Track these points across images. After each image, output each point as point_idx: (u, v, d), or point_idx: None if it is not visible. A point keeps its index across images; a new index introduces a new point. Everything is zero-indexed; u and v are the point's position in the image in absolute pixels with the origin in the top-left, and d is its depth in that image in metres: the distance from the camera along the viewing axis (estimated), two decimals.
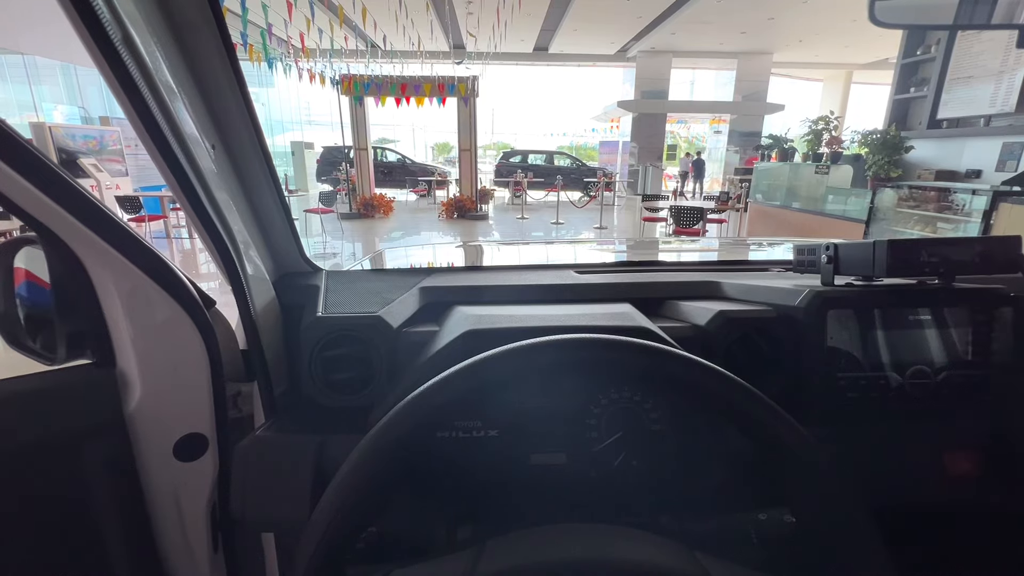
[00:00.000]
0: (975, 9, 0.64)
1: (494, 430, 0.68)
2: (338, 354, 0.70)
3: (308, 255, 0.90)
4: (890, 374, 0.65)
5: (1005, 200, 3.81)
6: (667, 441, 0.65)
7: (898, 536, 0.66)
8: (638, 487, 0.66)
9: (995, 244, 0.61)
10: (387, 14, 7.14)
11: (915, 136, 5.65)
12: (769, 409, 0.41)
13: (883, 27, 0.57)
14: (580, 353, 0.42)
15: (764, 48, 14.95)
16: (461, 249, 1.44)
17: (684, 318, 0.74)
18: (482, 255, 1.31)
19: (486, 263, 1.17)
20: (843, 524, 0.37)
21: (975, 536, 0.67)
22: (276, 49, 7.59)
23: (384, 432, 0.40)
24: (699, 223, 6.79)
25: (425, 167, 15.74)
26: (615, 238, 8.48)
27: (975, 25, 0.57)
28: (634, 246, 1.77)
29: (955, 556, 0.68)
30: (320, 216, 8.48)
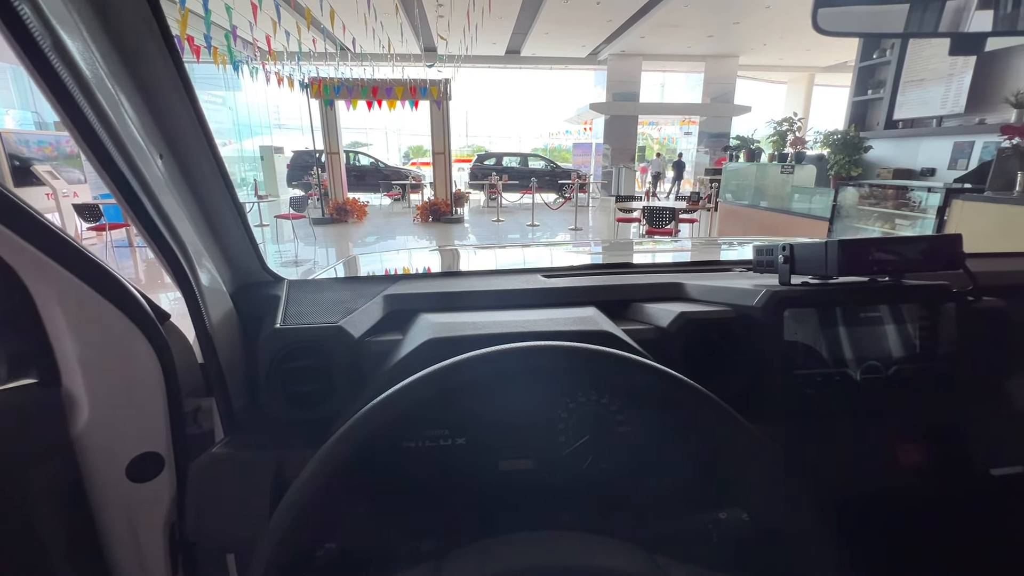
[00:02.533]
0: (923, 18, 0.67)
1: (461, 438, 0.68)
2: (298, 366, 0.68)
3: (270, 264, 0.88)
4: (845, 370, 0.67)
5: (957, 197, 3.99)
6: (634, 443, 0.66)
7: (854, 528, 0.68)
8: (606, 490, 0.66)
9: (938, 242, 0.63)
10: (356, 16, 7.06)
11: (873, 136, 5.87)
12: (717, 408, 0.41)
13: (826, 35, 0.59)
14: (528, 361, 0.42)
15: (730, 51, 15.33)
16: (430, 254, 1.43)
17: (648, 320, 0.75)
18: (451, 260, 1.30)
19: (454, 268, 1.16)
20: (793, 521, 0.38)
21: (926, 525, 0.69)
22: (241, 52, 7.41)
23: (333, 449, 0.39)
24: (671, 223, 6.92)
25: (399, 170, 15.60)
26: (590, 240, 8.55)
27: (913, 33, 0.59)
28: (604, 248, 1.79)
29: (908, 545, 0.71)
30: (291, 222, 8.31)
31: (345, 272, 1.17)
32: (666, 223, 6.90)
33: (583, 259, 1.21)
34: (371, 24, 7.49)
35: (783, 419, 0.67)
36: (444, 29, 10.55)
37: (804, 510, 0.38)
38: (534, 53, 16.53)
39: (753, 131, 7.94)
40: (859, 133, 5.86)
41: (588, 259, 1.19)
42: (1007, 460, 0.64)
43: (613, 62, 15.99)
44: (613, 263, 1.02)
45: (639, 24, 12.46)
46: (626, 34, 13.54)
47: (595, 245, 2.54)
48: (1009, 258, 1.01)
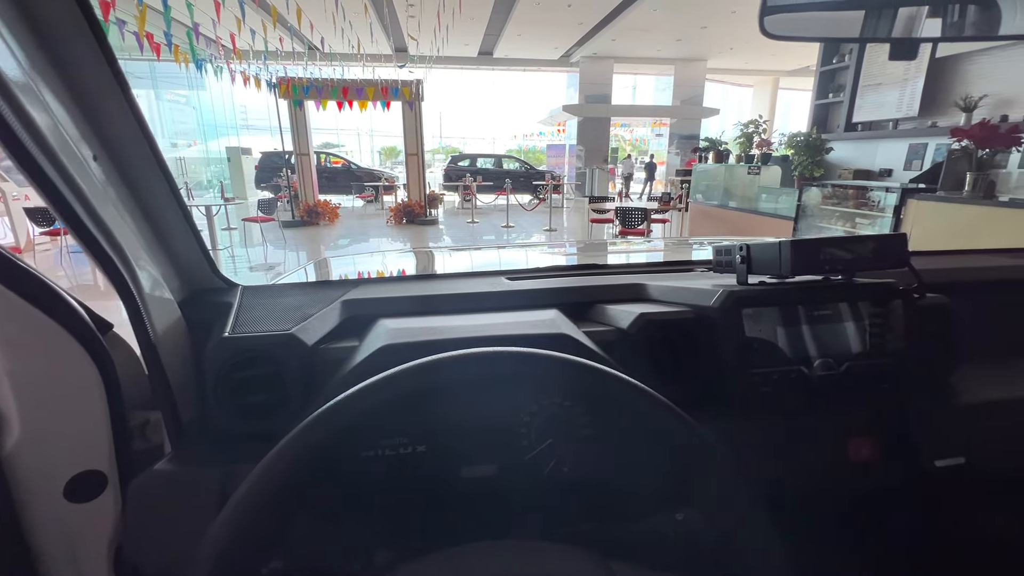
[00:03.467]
0: (867, 24, 0.69)
1: (422, 446, 0.66)
2: (247, 376, 0.65)
3: (237, 268, 0.84)
4: (800, 367, 0.68)
5: (912, 197, 4.16)
6: (596, 445, 0.66)
7: (808, 522, 0.70)
8: (569, 494, 0.66)
9: (885, 241, 0.65)
10: (324, 15, 6.93)
11: (834, 138, 6.08)
12: (657, 403, 0.41)
13: (773, 39, 0.61)
14: (458, 370, 0.41)
15: (699, 55, 15.66)
16: (395, 257, 1.41)
17: (609, 322, 0.75)
18: (415, 263, 1.28)
19: (418, 271, 1.14)
20: (741, 521, 0.38)
21: (876, 517, 0.71)
22: (205, 50, 7.19)
23: (272, 463, 0.37)
24: (644, 223, 7.02)
25: (372, 172, 15.39)
26: (558, 241, 8.61)
27: (856, 39, 0.61)
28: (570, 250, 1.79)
29: (859, 537, 0.73)
30: (260, 225, 8.11)
31: (309, 276, 1.14)
32: (638, 223, 6.99)
33: (550, 260, 1.21)
34: (340, 24, 7.36)
35: (741, 417, 0.68)
36: (415, 29, 10.46)
37: (752, 509, 0.38)
38: (507, 55, 16.56)
39: (721, 133, 8.14)
40: (820, 135, 6.06)
41: (554, 261, 1.19)
42: (950, 452, 0.66)
43: (585, 64, 16.15)
44: (577, 265, 1.02)
45: (610, 27, 12.63)
46: (597, 37, 13.70)
47: (561, 246, 2.55)
48: (951, 256, 1.05)
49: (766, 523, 0.37)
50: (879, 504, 0.70)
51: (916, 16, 0.69)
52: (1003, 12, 0.68)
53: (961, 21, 0.71)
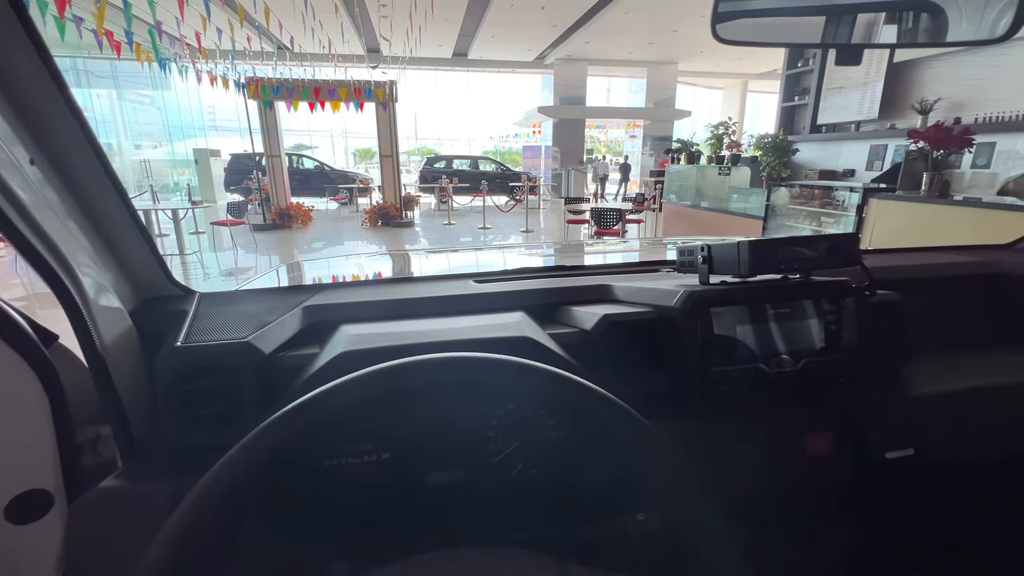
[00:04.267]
0: (823, 30, 0.71)
1: (387, 452, 0.65)
2: (201, 387, 0.63)
3: (206, 273, 0.82)
4: (759, 364, 0.69)
5: (873, 196, 4.31)
6: (563, 447, 0.66)
7: (766, 516, 0.71)
8: (536, 496, 0.65)
9: (838, 241, 0.67)
10: (293, 14, 6.80)
11: (800, 140, 6.26)
12: (614, 406, 0.41)
13: (725, 44, 0.62)
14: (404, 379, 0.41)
15: (670, 58, 15.94)
16: (362, 261, 1.39)
17: (575, 323, 0.75)
18: (382, 267, 1.26)
19: (384, 275, 1.13)
20: (696, 520, 0.38)
21: (831, 510, 0.73)
22: (169, 49, 6.97)
23: (216, 477, 0.36)
24: (619, 224, 7.10)
25: (346, 174, 15.18)
26: (530, 242, 8.64)
27: (806, 44, 0.63)
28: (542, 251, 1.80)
29: (817, 530, 0.75)
30: (229, 229, 7.90)
31: (276, 281, 1.11)
32: (613, 224, 7.07)
33: (521, 262, 1.21)
34: (310, 23, 7.23)
35: (702, 415, 0.69)
36: (387, 30, 10.36)
37: (707, 509, 0.38)
38: (481, 56, 16.56)
39: (693, 134, 8.28)
40: (787, 137, 6.23)
41: (523, 263, 1.19)
42: (900, 444, 0.68)
43: (559, 66, 16.26)
44: (544, 267, 1.02)
45: (583, 30, 12.75)
46: (571, 39, 13.81)
47: (531, 248, 2.56)
48: (903, 253, 1.09)
49: (723, 524, 0.38)
50: (834, 497, 0.72)
51: (862, 23, 0.71)
52: (950, 20, 0.70)
53: (908, 28, 0.73)
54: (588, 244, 3.67)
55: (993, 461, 0.80)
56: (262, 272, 1.27)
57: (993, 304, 0.96)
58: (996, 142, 4.13)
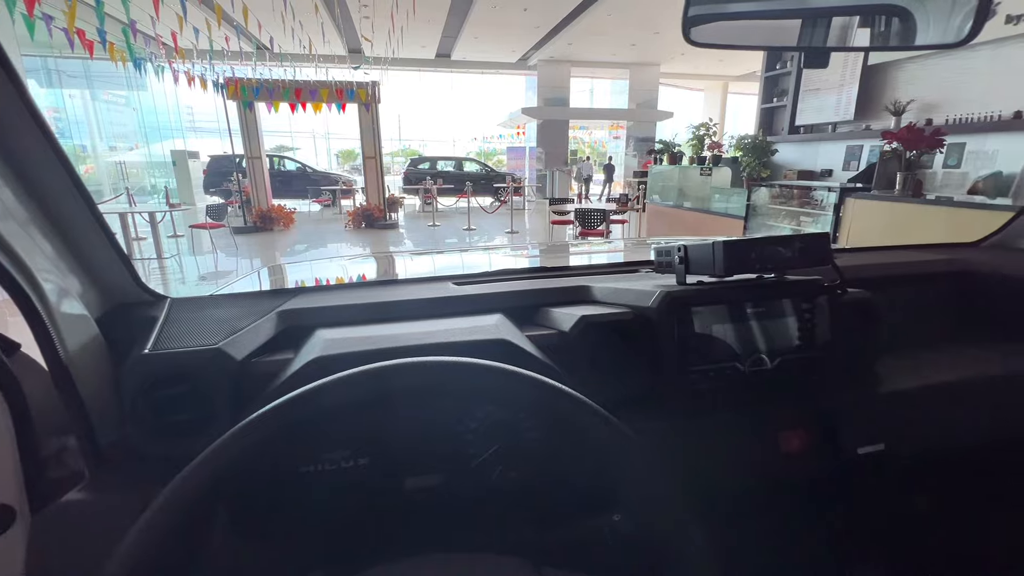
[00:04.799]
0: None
1: (364, 458, 0.64)
2: (169, 395, 0.61)
3: (182, 278, 0.80)
4: (735, 363, 0.70)
5: (850, 196, 4.41)
6: (542, 449, 0.65)
7: (743, 515, 0.72)
8: (515, 499, 0.65)
9: (809, 240, 0.68)
10: (272, 14, 6.70)
11: (779, 140, 6.37)
12: (584, 407, 0.41)
13: (697, 47, 0.62)
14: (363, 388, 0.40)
15: (652, 60, 16.10)
16: (341, 264, 1.37)
17: (553, 325, 0.75)
18: (360, 270, 1.25)
19: (363, 278, 1.12)
20: (667, 522, 0.38)
21: (806, 506, 0.75)
22: (144, 48, 6.82)
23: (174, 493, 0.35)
24: (603, 224, 7.14)
25: (328, 175, 15.02)
26: (511, 244, 8.65)
27: (774, 47, 0.64)
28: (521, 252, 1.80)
29: (792, 527, 0.76)
30: (209, 232, 7.76)
31: (252, 285, 1.09)
32: (598, 224, 7.11)
33: (501, 263, 1.20)
34: (290, 23, 7.14)
35: (679, 415, 0.69)
36: (369, 31, 10.28)
37: (677, 511, 0.38)
38: (464, 57, 16.54)
39: (675, 135, 8.37)
40: (766, 138, 6.34)
41: (503, 264, 1.18)
42: (871, 439, 0.70)
43: (543, 67, 16.31)
44: (524, 268, 1.02)
45: (566, 31, 12.81)
46: (554, 40, 13.87)
47: (511, 249, 2.56)
48: (872, 252, 1.11)
49: (695, 526, 0.38)
50: (808, 494, 0.73)
51: (835, 26, 0.72)
52: (917, 24, 0.72)
53: (880, 32, 0.75)
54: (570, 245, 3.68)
55: (961, 454, 0.82)
56: (241, 276, 1.24)
57: (960, 301, 0.99)
58: (966, 143, 4.25)
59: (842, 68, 5.49)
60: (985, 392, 0.81)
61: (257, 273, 1.24)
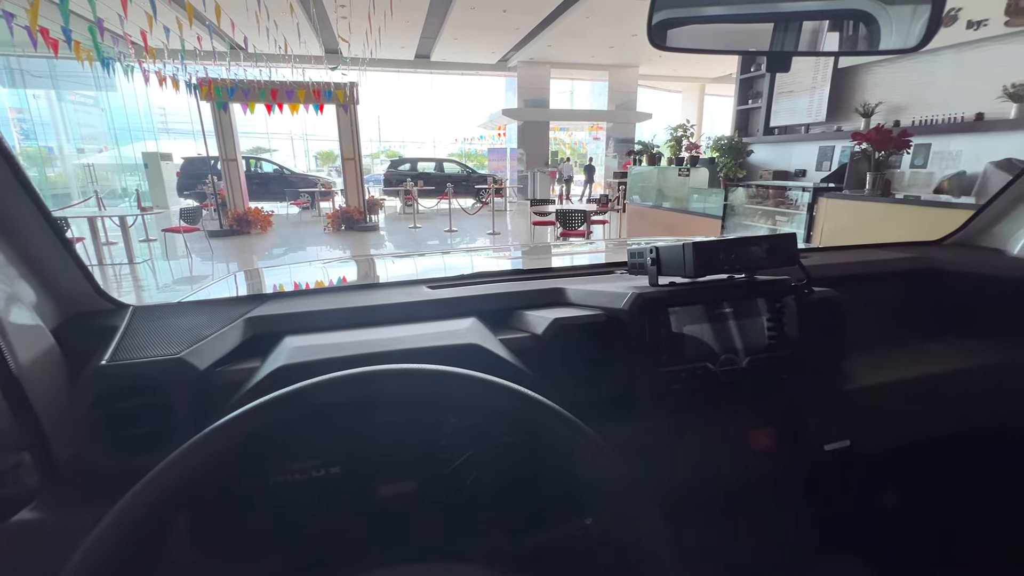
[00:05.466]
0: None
1: (336, 467, 0.63)
2: (128, 408, 0.59)
3: (116, 287, 0.77)
4: (706, 364, 0.71)
5: (822, 195, 4.51)
6: (517, 453, 0.65)
7: (713, 514, 0.72)
8: (489, 504, 0.65)
9: (777, 241, 0.69)
10: (246, 13, 6.57)
11: (754, 141, 6.50)
12: (550, 412, 0.41)
13: (662, 51, 0.63)
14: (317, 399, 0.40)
15: (631, 62, 16.28)
16: (316, 268, 1.35)
17: (527, 328, 0.75)
18: (333, 274, 1.23)
19: (336, 283, 1.10)
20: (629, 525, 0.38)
21: (774, 504, 0.76)
22: (112, 48, 6.63)
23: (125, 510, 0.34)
24: (584, 225, 7.19)
25: (307, 177, 14.81)
26: (509, 244, 8.65)
27: (739, 51, 0.65)
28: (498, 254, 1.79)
29: (763, 525, 0.77)
30: (183, 236, 7.58)
31: (219, 292, 1.07)
32: (578, 225, 7.16)
33: (469, 268, 1.20)
34: (264, 23, 7.01)
35: (652, 416, 0.69)
36: (346, 31, 10.17)
37: (644, 513, 0.38)
38: (444, 58, 16.48)
39: (653, 136, 8.47)
40: (742, 139, 6.46)
41: (479, 266, 1.18)
42: (837, 436, 0.71)
43: (523, 69, 16.36)
44: (498, 271, 1.01)
45: (545, 33, 12.87)
46: (533, 42, 13.92)
47: (488, 251, 2.55)
48: (839, 251, 1.14)
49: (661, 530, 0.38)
50: (777, 491, 0.74)
51: (787, 31, 0.74)
52: (874, 29, 0.74)
53: (842, 37, 0.76)
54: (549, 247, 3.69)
55: (924, 447, 0.84)
56: (210, 281, 1.21)
57: (923, 298, 1.02)
58: (931, 143, 4.39)
59: (814, 71, 5.63)
60: (946, 387, 0.84)
61: (226, 279, 1.21)
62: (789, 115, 6.06)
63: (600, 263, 1.03)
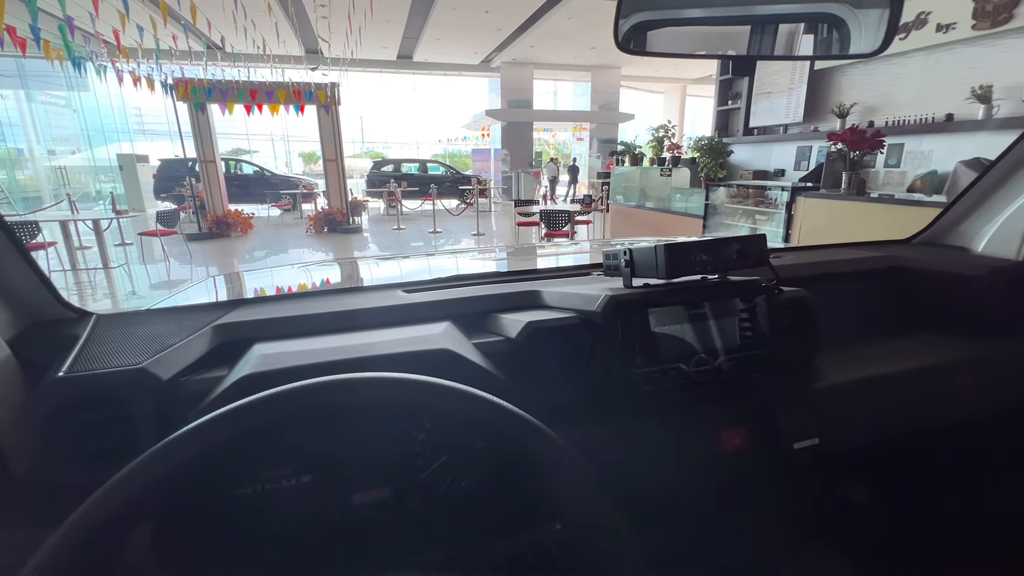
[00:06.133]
0: (723, 42, 0.74)
1: (307, 475, 0.62)
2: (87, 420, 0.57)
3: (80, 294, 0.75)
4: (679, 365, 0.71)
5: (800, 195, 4.59)
6: (492, 457, 0.65)
7: (686, 513, 0.73)
8: (464, 509, 0.64)
9: (747, 242, 0.70)
10: (223, 12, 6.45)
11: (734, 142, 6.58)
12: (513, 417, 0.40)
13: (630, 54, 0.63)
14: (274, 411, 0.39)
15: (613, 63, 16.39)
16: (292, 272, 1.33)
17: (502, 331, 0.74)
18: (307, 278, 1.21)
19: (309, 287, 1.08)
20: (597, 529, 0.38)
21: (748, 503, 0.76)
22: (84, 47, 6.46)
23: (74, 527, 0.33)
24: (568, 225, 7.22)
25: (288, 179, 14.61)
26: (496, 245, 8.63)
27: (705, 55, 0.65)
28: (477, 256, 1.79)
29: (733, 524, 0.77)
30: (160, 239, 7.41)
31: (189, 299, 1.04)
32: (563, 225, 7.18)
33: (446, 271, 1.19)
34: (241, 22, 6.89)
35: (628, 417, 0.69)
36: (326, 31, 10.06)
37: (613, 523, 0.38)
38: (427, 59, 16.41)
39: (635, 137, 8.53)
40: (722, 139, 6.54)
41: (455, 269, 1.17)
42: (806, 434, 0.72)
43: (506, 70, 16.36)
44: (474, 274, 1.01)
45: (527, 34, 12.89)
46: (516, 43, 13.93)
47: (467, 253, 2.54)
48: (810, 251, 1.16)
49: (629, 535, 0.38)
50: (750, 490, 0.75)
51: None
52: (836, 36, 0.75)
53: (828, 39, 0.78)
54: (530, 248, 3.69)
55: (891, 443, 0.86)
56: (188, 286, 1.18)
57: (892, 296, 1.04)
58: (904, 143, 4.50)
59: (791, 73, 5.73)
60: (912, 383, 0.85)
61: (197, 285, 1.18)
62: (768, 115, 6.16)
63: (576, 265, 1.03)
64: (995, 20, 3.86)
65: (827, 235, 4.33)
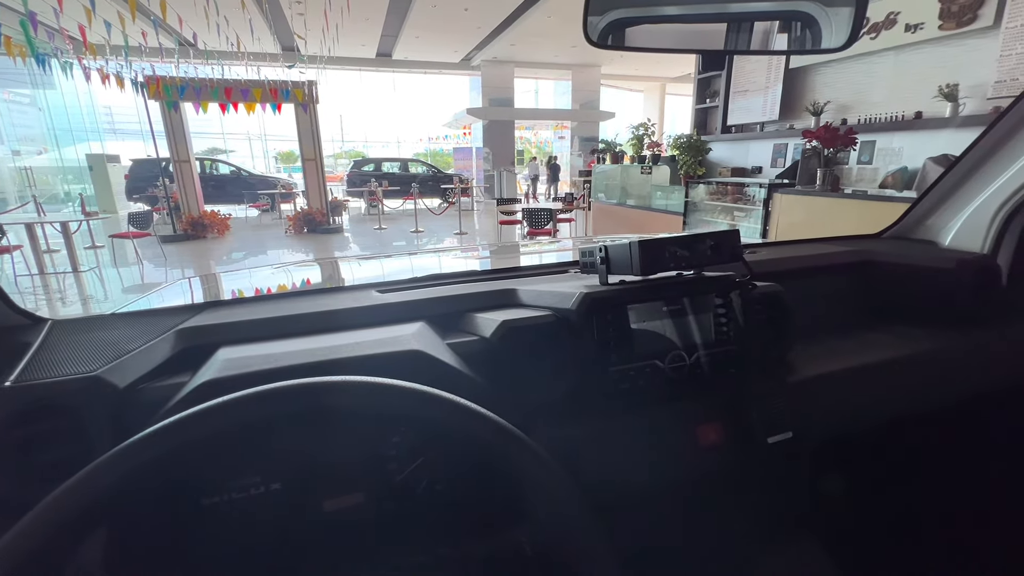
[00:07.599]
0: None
1: (276, 483, 0.60)
2: (39, 432, 0.55)
3: (48, 299, 0.71)
4: (655, 362, 0.71)
5: (777, 191, 4.67)
6: (468, 459, 0.64)
7: (664, 510, 0.73)
8: (441, 510, 0.63)
9: (721, 238, 0.70)
10: (194, 8, 6.29)
11: (713, 139, 6.67)
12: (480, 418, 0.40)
13: (597, 47, 0.63)
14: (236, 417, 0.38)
15: (593, 61, 16.46)
16: (266, 274, 1.29)
17: (476, 331, 0.73)
18: (280, 279, 1.18)
19: (281, 288, 1.05)
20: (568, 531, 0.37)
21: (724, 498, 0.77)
22: (48, 43, 6.24)
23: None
24: (550, 223, 7.24)
25: (266, 179, 14.36)
26: (478, 244, 8.61)
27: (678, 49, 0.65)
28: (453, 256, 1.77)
29: (711, 520, 0.78)
30: (133, 241, 7.21)
31: (154, 303, 1.01)
32: (545, 223, 7.20)
33: (421, 271, 1.17)
34: (214, 18, 6.73)
35: (601, 416, 0.69)
36: (303, 28, 9.89)
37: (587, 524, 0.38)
38: (406, 57, 16.27)
39: (616, 135, 8.59)
40: (701, 137, 6.62)
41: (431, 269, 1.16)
42: (780, 428, 0.73)
43: (487, 68, 16.31)
44: (449, 273, 0.99)
45: (508, 32, 12.86)
46: (496, 41, 13.89)
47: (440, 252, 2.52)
48: (783, 246, 1.17)
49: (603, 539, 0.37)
50: (727, 485, 0.75)
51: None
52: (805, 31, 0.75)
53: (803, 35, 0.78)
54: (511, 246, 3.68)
55: (863, 434, 0.88)
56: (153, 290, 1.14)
57: (863, 290, 1.06)
58: (876, 140, 4.61)
59: (767, 71, 5.82)
60: (882, 374, 0.87)
61: (163, 288, 1.15)
62: (745, 113, 6.25)
63: (553, 263, 1.03)
64: (960, 20, 3.98)
65: (803, 230, 4.42)
